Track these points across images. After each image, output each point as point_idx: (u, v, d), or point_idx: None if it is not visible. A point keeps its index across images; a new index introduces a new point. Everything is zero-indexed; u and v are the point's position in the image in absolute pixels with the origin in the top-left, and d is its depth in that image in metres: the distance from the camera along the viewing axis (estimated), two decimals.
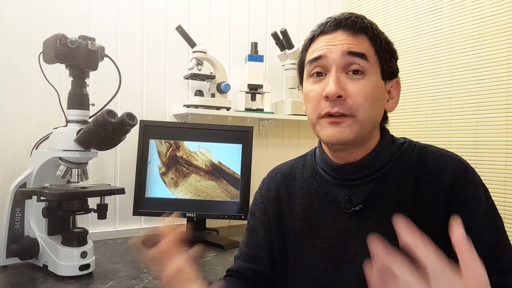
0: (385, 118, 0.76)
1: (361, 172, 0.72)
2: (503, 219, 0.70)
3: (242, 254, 0.85)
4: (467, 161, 0.71)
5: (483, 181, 0.70)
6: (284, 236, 0.80)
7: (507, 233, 0.69)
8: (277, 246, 0.81)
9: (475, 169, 0.71)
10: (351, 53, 0.67)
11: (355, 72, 0.67)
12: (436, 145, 0.75)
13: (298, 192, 0.80)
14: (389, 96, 0.74)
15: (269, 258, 0.82)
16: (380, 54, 0.70)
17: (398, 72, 0.75)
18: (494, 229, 0.67)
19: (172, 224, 0.70)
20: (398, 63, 0.75)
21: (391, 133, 0.78)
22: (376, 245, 0.45)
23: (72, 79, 1.16)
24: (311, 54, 0.71)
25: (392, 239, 0.68)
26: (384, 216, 0.69)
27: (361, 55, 0.67)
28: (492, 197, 0.70)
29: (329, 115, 0.67)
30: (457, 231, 0.42)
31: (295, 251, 0.78)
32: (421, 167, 0.71)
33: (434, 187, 0.68)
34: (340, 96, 0.66)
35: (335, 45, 0.68)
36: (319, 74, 0.70)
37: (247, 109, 1.77)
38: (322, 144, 0.78)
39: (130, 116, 1.11)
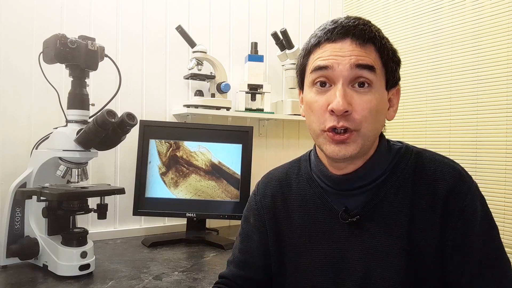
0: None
1: (358, 182, 0.71)
2: (503, 219, 0.69)
3: (235, 260, 0.84)
4: (467, 161, 0.71)
5: (483, 181, 0.70)
6: (281, 244, 0.79)
7: (508, 233, 0.69)
8: (273, 253, 0.80)
9: (475, 168, 0.70)
10: (359, 66, 0.65)
11: (361, 84, 0.65)
12: (435, 147, 0.74)
13: (294, 199, 0.79)
14: (389, 104, 0.72)
15: (263, 266, 0.81)
16: (387, 65, 0.68)
17: (400, 79, 0.73)
18: (488, 240, 0.66)
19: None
20: None
21: (390, 133, 0.77)
22: None
23: (72, 79, 1.16)
24: (315, 61, 0.68)
25: (389, 248, 0.68)
26: (382, 225, 0.69)
27: (369, 67, 0.65)
28: (492, 198, 0.70)
29: (333, 128, 0.65)
30: None
31: (293, 259, 0.77)
32: (417, 176, 0.70)
33: (431, 196, 0.67)
34: (346, 111, 0.64)
35: (342, 56, 0.65)
36: (323, 84, 0.67)
37: (247, 109, 1.77)
38: (318, 151, 0.76)
39: (130, 116, 1.11)
